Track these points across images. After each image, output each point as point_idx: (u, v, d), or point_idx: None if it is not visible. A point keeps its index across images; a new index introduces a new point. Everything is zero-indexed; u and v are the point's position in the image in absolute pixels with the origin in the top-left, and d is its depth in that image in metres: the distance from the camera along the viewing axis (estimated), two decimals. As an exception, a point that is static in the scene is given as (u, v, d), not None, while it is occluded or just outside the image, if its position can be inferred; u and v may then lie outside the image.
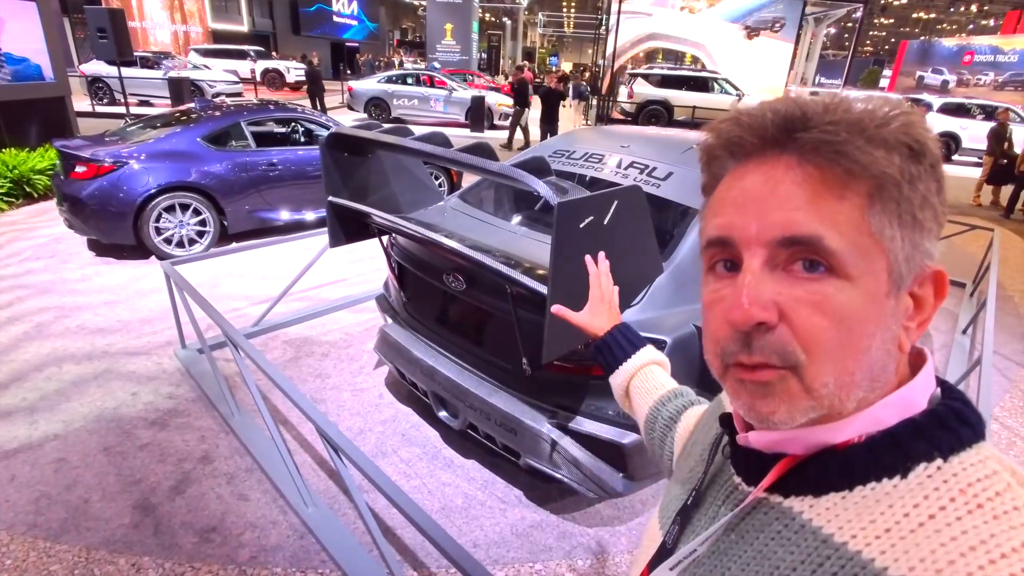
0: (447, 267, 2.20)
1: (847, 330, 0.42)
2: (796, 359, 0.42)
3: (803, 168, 0.42)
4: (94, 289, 4.21)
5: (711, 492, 0.57)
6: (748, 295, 0.43)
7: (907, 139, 0.41)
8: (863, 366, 0.43)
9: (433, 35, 24.35)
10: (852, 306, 0.42)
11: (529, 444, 2.09)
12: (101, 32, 7.61)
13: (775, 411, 0.44)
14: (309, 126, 5.91)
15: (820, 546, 0.43)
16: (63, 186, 4.62)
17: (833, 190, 0.41)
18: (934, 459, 0.42)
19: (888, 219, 0.42)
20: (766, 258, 0.43)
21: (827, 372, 0.42)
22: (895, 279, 0.43)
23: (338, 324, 3.84)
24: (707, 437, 0.66)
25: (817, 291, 0.42)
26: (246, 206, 5.14)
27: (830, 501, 0.44)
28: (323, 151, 2.33)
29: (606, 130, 3.69)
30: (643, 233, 1.75)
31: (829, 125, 0.41)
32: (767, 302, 0.42)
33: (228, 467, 2.51)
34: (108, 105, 13.43)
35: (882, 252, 0.42)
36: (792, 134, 0.43)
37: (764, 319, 0.42)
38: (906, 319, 0.45)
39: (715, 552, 0.52)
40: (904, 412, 0.44)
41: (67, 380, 3.08)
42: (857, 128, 0.41)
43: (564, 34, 48.51)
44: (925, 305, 0.45)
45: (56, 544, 2.10)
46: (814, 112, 0.42)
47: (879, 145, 0.41)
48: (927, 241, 0.43)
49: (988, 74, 19.01)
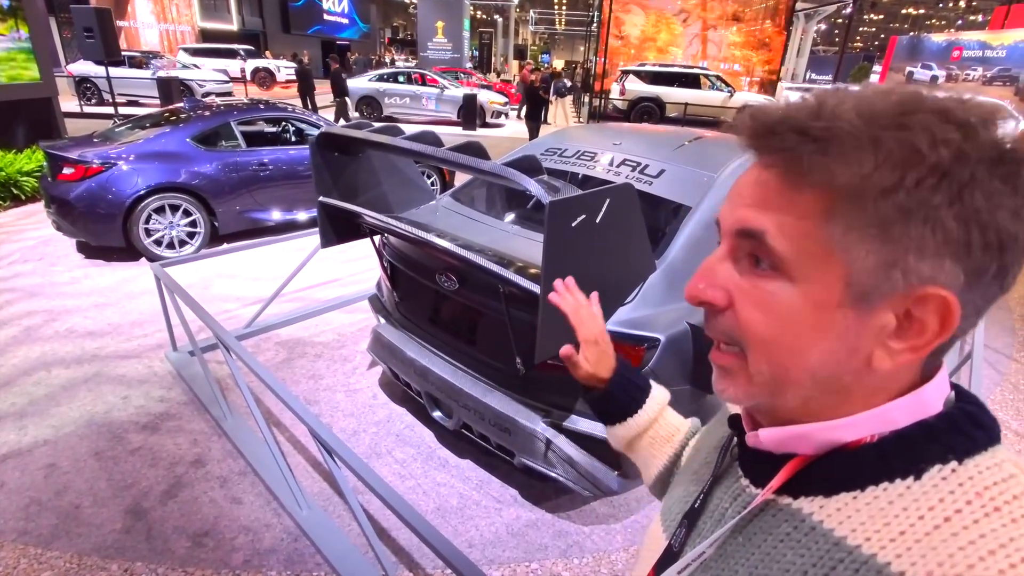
0: (439, 267, 2.19)
1: (779, 328, 0.44)
2: (741, 343, 0.46)
3: (769, 171, 0.44)
4: (83, 292, 4.17)
5: (718, 494, 0.57)
6: (700, 274, 0.48)
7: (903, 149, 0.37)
8: (799, 366, 0.44)
9: (424, 33, 24.27)
10: (791, 308, 0.43)
11: (524, 443, 2.08)
12: (88, 32, 7.53)
13: (725, 389, 0.49)
14: (300, 125, 5.88)
15: (832, 548, 0.42)
16: (51, 188, 4.57)
17: (785, 195, 0.42)
18: (948, 461, 0.41)
19: (850, 231, 0.39)
20: (729, 248, 0.47)
21: (762, 362, 0.45)
22: (856, 292, 0.40)
23: (331, 325, 3.83)
24: (712, 440, 0.65)
25: (759, 286, 0.44)
26: (237, 207, 5.10)
27: (841, 502, 0.44)
28: (313, 151, 2.32)
29: (598, 127, 3.69)
30: (635, 231, 1.75)
31: (792, 132, 0.40)
32: (717, 285, 0.47)
33: (221, 470, 2.49)
34: (96, 105, 13.29)
35: (838, 262, 0.40)
36: (766, 139, 0.43)
37: (707, 299, 0.47)
38: (888, 338, 0.42)
39: (723, 554, 0.51)
40: (917, 414, 0.44)
41: (57, 384, 3.05)
42: (826, 135, 0.39)
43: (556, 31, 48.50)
44: (923, 330, 0.41)
45: (47, 550, 2.07)
46: (796, 114, 0.41)
47: (852, 153, 0.38)
48: (919, 260, 0.38)
49: (977, 69, 19.14)
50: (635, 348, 1.90)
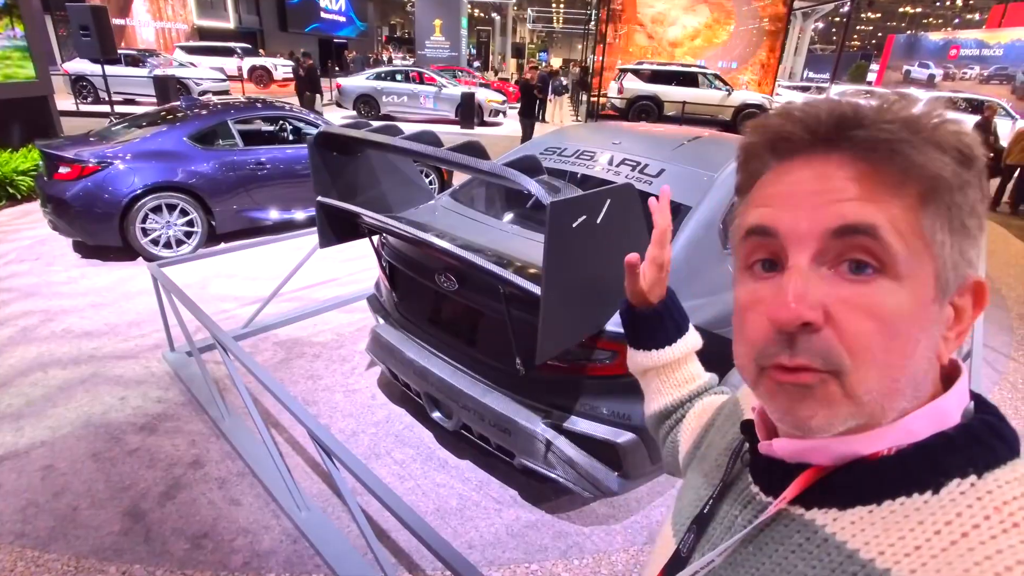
0: (439, 267, 2.18)
1: (895, 336, 0.40)
2: (840, 363, 0.40)
3: (856, 166, 0.41)
4: (80, 292, 4.15)
5: (728, 500, 0.56)
6: (795, 293, 0.41)
7: (959, 144, 0.40)
8: (908, 374, 0.41)
9: (422, 31, 24.20)
10: (901, 310, 0.40)
11: (523, 444, 2.08)
12: (84, 30, 7.48)
13: (814, 415, 0.42)
14: (298, 124, 5.85)
15: (845, 561, 0.41)
16: (47, 187, 4.55)
17: (888, 187, 0.40)
18: (968, 475, 0.40)
19: (939, 223, 0.41)
20: (815, 253, 0.41)
21: (872, 379, 0.41)
22: (941, 285, 0.41)
23: (329, 325, 3.81)
24: (723, 441, 0.64)
25: (866, 293, 0.40)
26: (234, 206, 5.08)
27: (856, 515, 0.43)
28: (311, 150, 2.30)
29: (597, 127, 3.68)
30: (636, 231, 1.74)
31: (885, 123, 0.40)
32: (814, 301, 0.40)
33: (219, 472, 2.48)
34: (92, 104, 13.24)
35: (931, 256, 0.41)
36: (846, 131, 0.41)
37: (811, 319, 0.40)
38: (946, 328, 0.43)
39: (732, 563, 0.50)
40: (937, 425, 0.43)
41: (53, 385, 3.03)
42: (913, 128, 0.40)
43: (554, 30, 48.46)
44: (963, 316, 0.44)
45: (45, 553, 2.06)
46: (868, 110, 0.41)
47: (934, 147, 0.40)
48: (972, 250, 0.42)
49: (974, 68, 19.19)
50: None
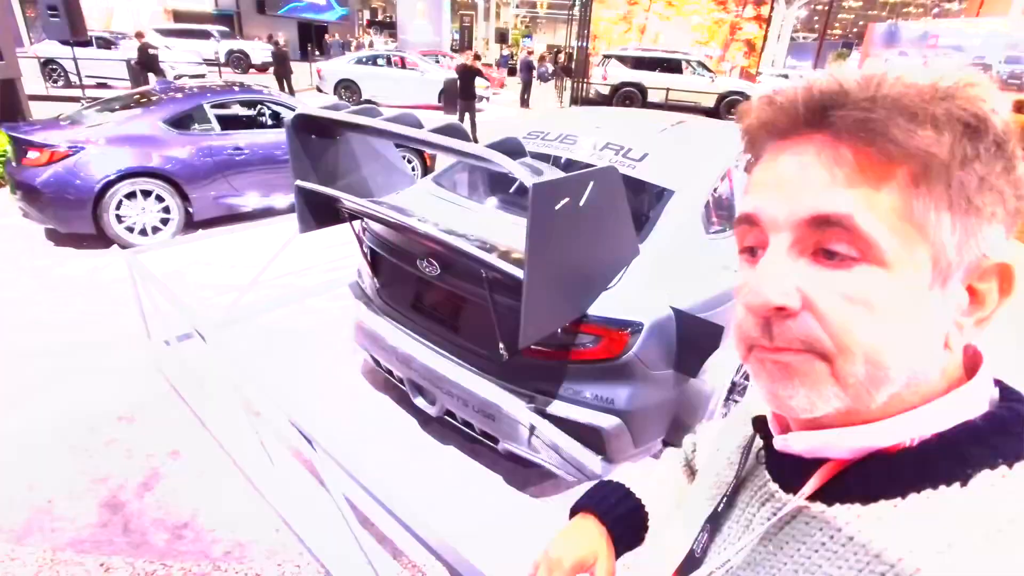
0: (421, 252, 2.15)
1: (879, 320, 0.38)
2: (823, 348, 0.40)
3: (837, 149, 0.39)
4: (53, 280, 4.04)
5: (743, 497, 0.53)
6: (764, 278, 0.41)
7: (964, 115, 0.37)
8: (898, 362, 0.39)
9: (404, 15, 23.81)
10: (886, 295, 0.38)
11: (507, 429, 2.07)
12: (52, 10, 7.24)
13: (794, 395, 0.41)
14: (276, 108, 5.73)
15: (873, 561, 0.39)
16: (16, 173, 4.41)
17: (869, 171, 0.38)
18: (998, 466, 0.38)
19: (935, 203, 0.38)
20: (792, 241, 0.41)
21: (857, 363, 0.39)
22: (941, 269, 0.39)
23: (310, 312, 3.77)
24: (735, 440, 0.61)
25: (846, 278, 0.39)
26: (212, 192, 4.97)
27: (880, 510, 0.41)
28: (289, 133, 2.25)
29: (581, 111, 3.66)
30: (619, 215, 1.73)
31: (866, 102, 0.38)
32: (787, 287, 0.40)
33: (199, 462, 2.45)
34: (63, 88, 12.83)
35: (926, 239, 0.38)
36: (826, 113, 0.40)
37: (781, 304, 0.40)
38: (959, 314, 0.40)
39: (750, 563, 0.48)
40: (961, 415, 0.41)
41: (28, 376, 2.95)
42: (898, 105, 0.38)
43: (538, 14, 47.99)
44: (986, 301, 0.41)
45: (19, 546, 2.02)
46: (851, 88, 0.39)
47: (925, 123, 0.37)
48: (988, 228, 0.39)
49: (953, 57, 19.46)
50: (619, 333, 1.89)
